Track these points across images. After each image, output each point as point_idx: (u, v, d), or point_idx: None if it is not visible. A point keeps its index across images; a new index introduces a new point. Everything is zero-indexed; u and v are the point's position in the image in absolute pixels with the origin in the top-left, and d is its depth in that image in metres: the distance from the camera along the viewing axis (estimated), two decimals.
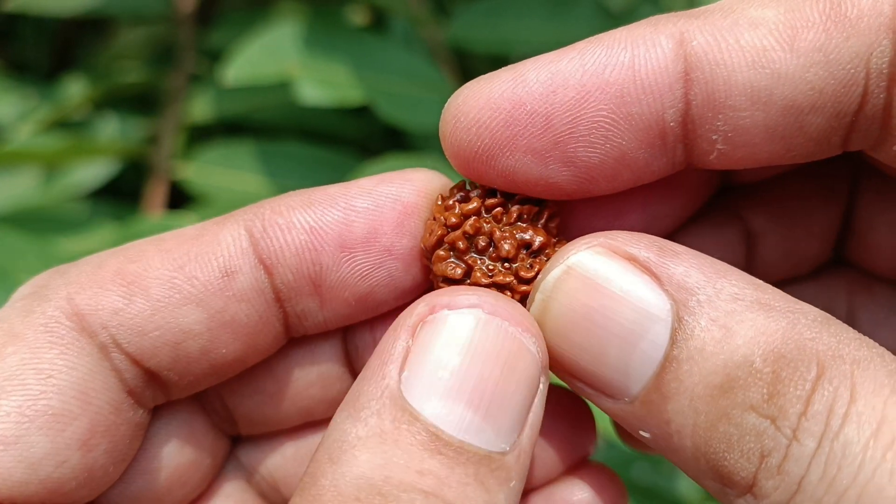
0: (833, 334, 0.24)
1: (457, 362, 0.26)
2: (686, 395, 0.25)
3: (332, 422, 0.27)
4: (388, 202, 0.31)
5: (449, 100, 0.30)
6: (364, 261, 0.31)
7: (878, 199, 0.35)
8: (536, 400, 0.27)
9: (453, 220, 0.31)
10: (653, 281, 0.26)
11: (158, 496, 0.33)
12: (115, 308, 0.29)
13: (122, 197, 0.76)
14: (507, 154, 0.29)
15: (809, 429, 0.23)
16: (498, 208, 0.31)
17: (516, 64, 0.29)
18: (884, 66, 0.27)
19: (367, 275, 0.31)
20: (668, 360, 0.26)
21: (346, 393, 0.34)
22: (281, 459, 0.36)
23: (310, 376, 0.35)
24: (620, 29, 0.29)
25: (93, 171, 0.74)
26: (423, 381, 0.26)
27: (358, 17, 0.81)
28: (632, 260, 0.27)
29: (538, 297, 0.28)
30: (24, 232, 0.65)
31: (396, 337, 0.27)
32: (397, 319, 0.28)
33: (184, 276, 0.30)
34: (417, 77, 0.66)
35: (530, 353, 0.27)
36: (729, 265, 0.27)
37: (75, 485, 0.28)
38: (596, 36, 0.29)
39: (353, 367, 0.35)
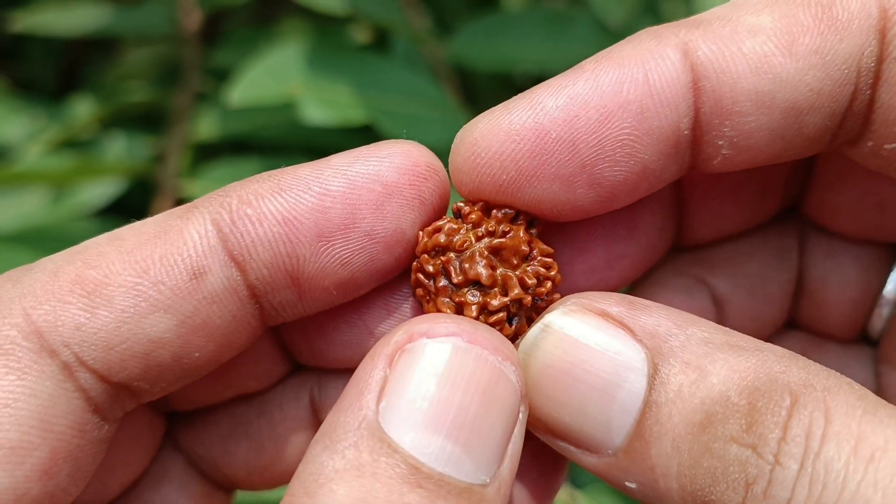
0: (802, 367, 0.25)
1: (435, 392, 0.26)
2: (668, 436, 0.26)
3: (308, 454, 0.26)
4: (365, 182, 0.29)
5: (461, 134, 0.30)
6: (344, 248, 0.29)
7: (826, 260, 0.37)
8: (516, 430, 0.27)
9: (430, 267, 0.30)
10: (626, 333, 0.27)
11: (101, 476, 0.32)
12: (76, 323, 0.27)
13: (129, 215, 0.76)
14: (534, 184, 0.29)
15: (790, 452, 0.23)
16: (469, 241, 0.30)
17: (527, 92, 0.29)
18: (872, 64, 0.28)
19: (347, 262, 0.29)
20: (647, 406, 0.26)
21: (276, 367, 0.35)
22: (218, 435, 0.35)
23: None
24: (625, 43, 0.29)
25: (100, 190, 0.75)
26: (402, 412, 0.25)
27: (360, 35, 0.82)
28: (604, 315, 0.28)
29: (519, 357, 0.28)
30: (32, 251, 0.66)
31: (374, 366, 0.26)
32: (374, 347, 0.27)
33: (149, 281, 0.27)
34: (419, 95, 0.67)
35: (510, 381, 0.27)
36: (696, 316, 0.28)
37: None
38: (602, 53, 0.29)
39: (283, 340, 0.35)
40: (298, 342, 0.34)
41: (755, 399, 0.25)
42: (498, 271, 0.30)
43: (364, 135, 0.75)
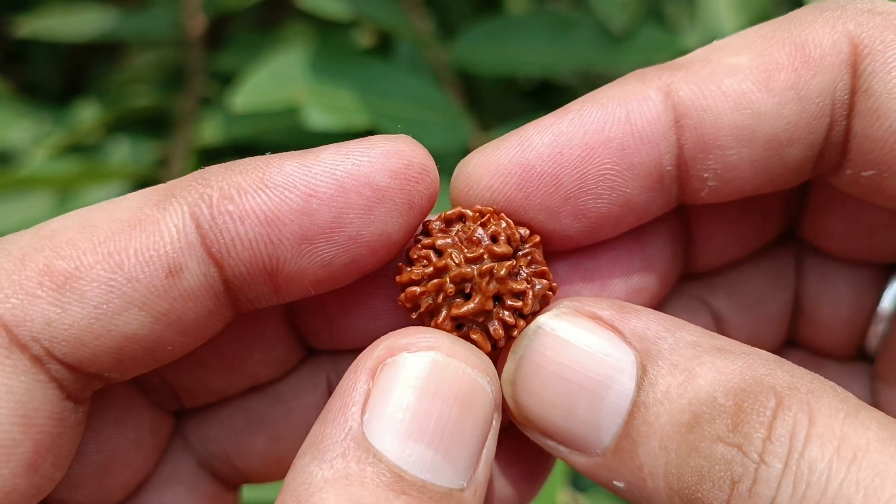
0: (787, 371, 0.26)
1: (417, 403, 0.26)
2: (656, 436, 0.26)
3: (295, 465, 0.26)
4: (355, 186, 0.28)
5: (459, 166, 0.32)
6: (327, 251, 0.28)
7: (822, 280, 0.38)
8: (490, 436, 0.28)
9: (413, 277, 0.30)
10: (616, 335, 0.28)
11: (99, 480, 0.32)
12: (47, 319, 0.26)
13: None
14: (522, 214, 0.31)
15: (775, 451, 0.24)
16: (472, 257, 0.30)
17: (517, 129, 0.31)
18: (846, 97, 0.30)
19: (329, 263, 0.28)
20: (635, 407, 0.27)
21: (290, 353, 0.35)
22: (232, 429, 0.35)
23: (251, 339, 0.33)
24: (610, 86, 0.31)
25: (105, 194, 0.75)
26: (385, 423, 0.26)
27: (364, 39, 0.82)
28: (595, 318, 0.29)
29: (510, 358, 0.29)
30: None
31: (357, 379, 0.27)
32: (356, 361, 0.28)
33: (123, 277, 0.26)
34: (422, 100, 0.67)
35: (485, 392, 0.28)
36: (685, 321, 0.29)
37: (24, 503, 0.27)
38: (589, 95, 0.31)
39: (295, 324, 0.34)
40: (317, 325, 0.34)
41: (741, 400, 0.25)
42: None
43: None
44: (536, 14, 0.74)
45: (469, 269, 0.29)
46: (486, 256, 0.30)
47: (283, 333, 0.34)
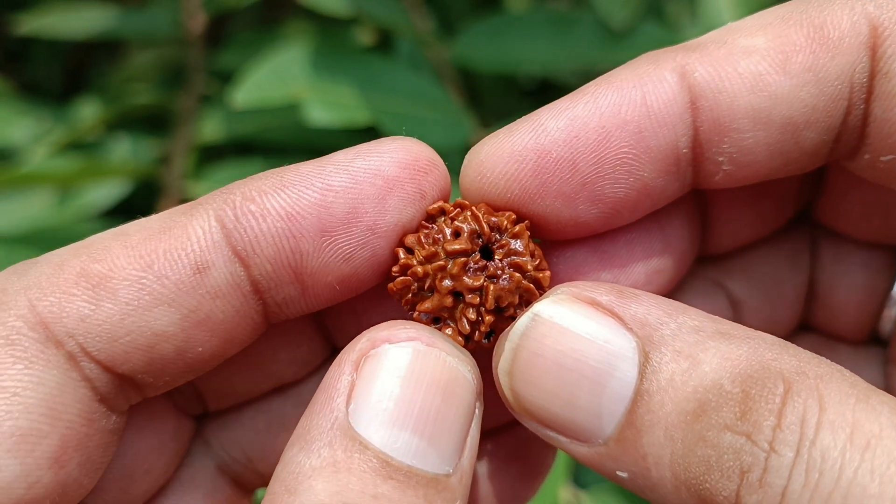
0: (793, 355, 0.26)
1: (400, 391, 0.27)
2: (660, 425, 0.26)
3: (284, 456, 0.27)
4: (367, 177, 0.29)
5: (469, 156, 0.31)
6: (346, 243, 0.29)
7: (836, 264, 0.37)
8: (473, 424, 0.28)
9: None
10: (616, 321, 0.28)
11: (122, 486, 0.32)
12: (81, 315, 0.27)
13: (134, 216, 0.77)
14: (538, 201, 0.30)
15: (785, 439, 0.23)
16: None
17: (530, 114, 0.31)
18: (864, 80, 0.29)
19: (350, 256, 0.30)
20: (638, 395, 0.26)
21: (314, 351, 0.35)
22: (253, 433, 0.36)
23: (279, 338, 0.34)
24: (623, 68, 0.31)
25: (105, 192, 0.75)
26: (370, 412, 0.27)
27: (364, 37, 0.83)
28: (594, 304, 0.28)
29: (507, 347, 0.29)
30: (38, 252, 0.66)
31: (341, 372, 0.28)
32: (340, 355, 0.28)
33: (153, 275, 0.28)
34: (423, 97, 0.67)
35: (467, 380, 0.28)
36: (686, 305, 0.28)
37: (49, 503, 0.27)
38: (602, 77, 0.31)
39: (322, 322, 0.35)
40: (344, 322, 0.34)
41: (748, 387, 0.25)
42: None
43: (368, 136, 0.75)
44: (536, 12, 0.74)
45: (421, 269, 0.30)
46: (441, 253, 0.30)
47: (310, 332, 0.35)
